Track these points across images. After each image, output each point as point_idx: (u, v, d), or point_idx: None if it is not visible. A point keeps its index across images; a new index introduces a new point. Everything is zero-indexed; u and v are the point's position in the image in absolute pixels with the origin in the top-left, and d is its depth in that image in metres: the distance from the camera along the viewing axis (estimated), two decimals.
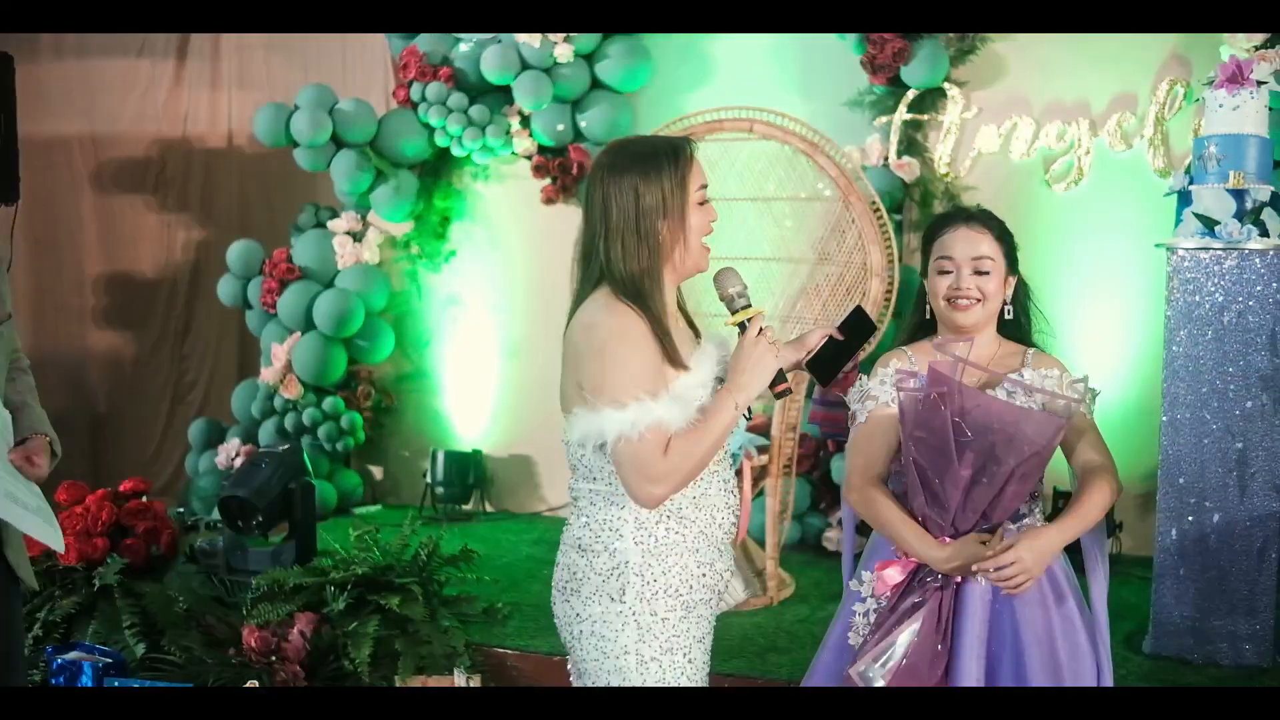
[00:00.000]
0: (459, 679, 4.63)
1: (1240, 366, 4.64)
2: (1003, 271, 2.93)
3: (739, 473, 2.87)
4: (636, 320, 2.59)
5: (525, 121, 7.28)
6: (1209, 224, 4.68)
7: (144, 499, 5.49)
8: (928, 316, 3.03)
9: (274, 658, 4.68)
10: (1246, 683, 4.34)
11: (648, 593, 2.65)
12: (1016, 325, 3.00)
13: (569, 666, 2.88)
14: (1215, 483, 4.68)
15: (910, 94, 6.54)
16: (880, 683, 2.67)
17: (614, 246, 2.62)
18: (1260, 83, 4.72)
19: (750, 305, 2.73)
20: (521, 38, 6.92)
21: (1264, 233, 4.65)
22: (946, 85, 6.52)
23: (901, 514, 2.81)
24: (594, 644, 2.69)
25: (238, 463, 6.87)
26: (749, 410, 2.75)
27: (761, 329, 2.68)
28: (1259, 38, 5.73)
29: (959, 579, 2.74)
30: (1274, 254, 4.60)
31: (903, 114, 6.55)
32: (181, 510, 6.45)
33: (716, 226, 2.75)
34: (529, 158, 7.34)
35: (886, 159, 6.57)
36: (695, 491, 2.69)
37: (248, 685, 4.57)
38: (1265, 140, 4.76)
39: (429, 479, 7.41)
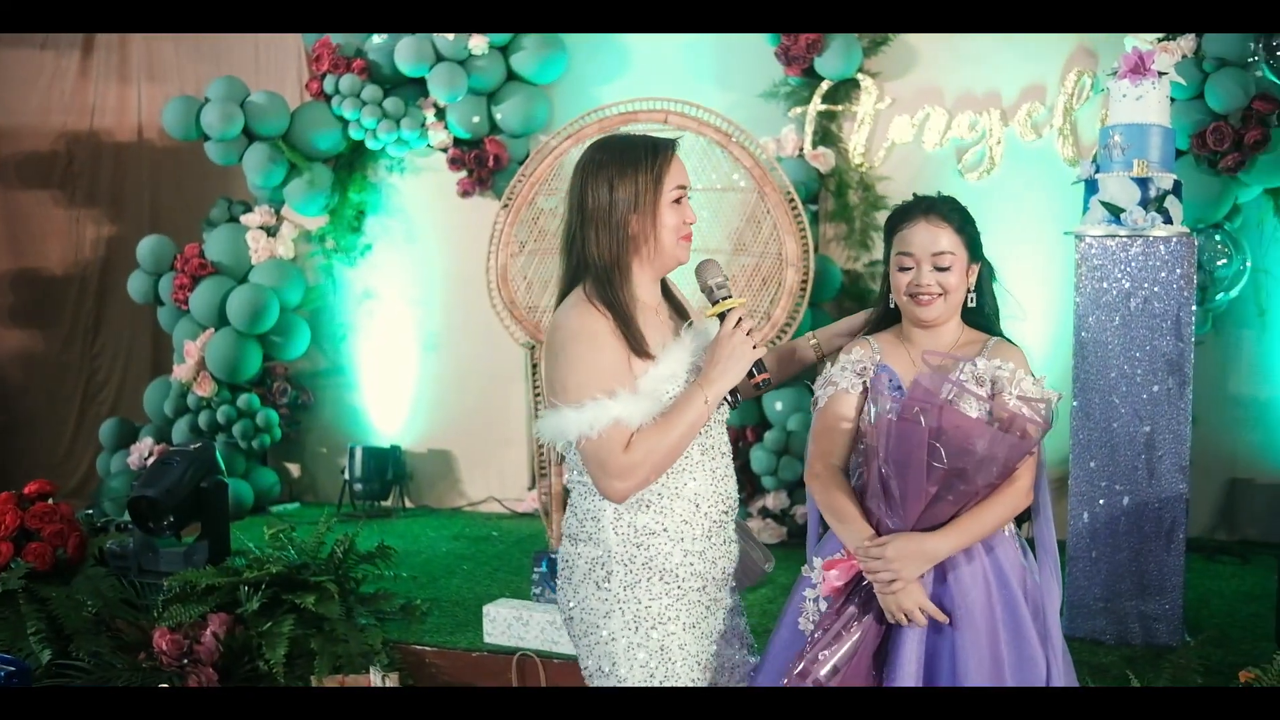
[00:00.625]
0: (375, 678, 4.57)
1: (1146, 351, 4.71)
2: (964, 263, 2.85)
3: None
4: (598, 318, 2.64)
5: (440, 114, 7.21)
6: (1115, 212, 4.74)
7: (51, 501, 5.35)
8: (891, 307, 2.98)
9: (186, 660, 4.60)
10: (1157, 662, 4.40)
11: (630, 580, 2.71)
12: (980, 312, 2.96)
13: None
14: (1125, 466, 4.74)
15: (824, 85, 6.58)
16: (819, 684, 2.65)
17: (587, 236, 2.69)
18: (1161, 73, 4.78)
19: (730, 297, 2.74)
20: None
21: (1168, 220, 4.72)
22: (860, 76, 6.57)
23: (849, 508, 2.78)
24: (584, 629, 2.77)
25: (150, 463, 6.74)
26: (732, 398, 2.75)
27: (740, 320, 2.70)
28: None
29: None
30: (1177, 241, 4.68)
31: (817, 105, 6.59)
32: (90, 512, 6.31)
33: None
34: (444, 150, 7.27)
35: (802, 150, 6.60)
36: (677, 482, 2.73)
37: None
38: (1168, 129, 4.83)
39: (347, 476, 7.34)
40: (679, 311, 2.88)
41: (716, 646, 2.85)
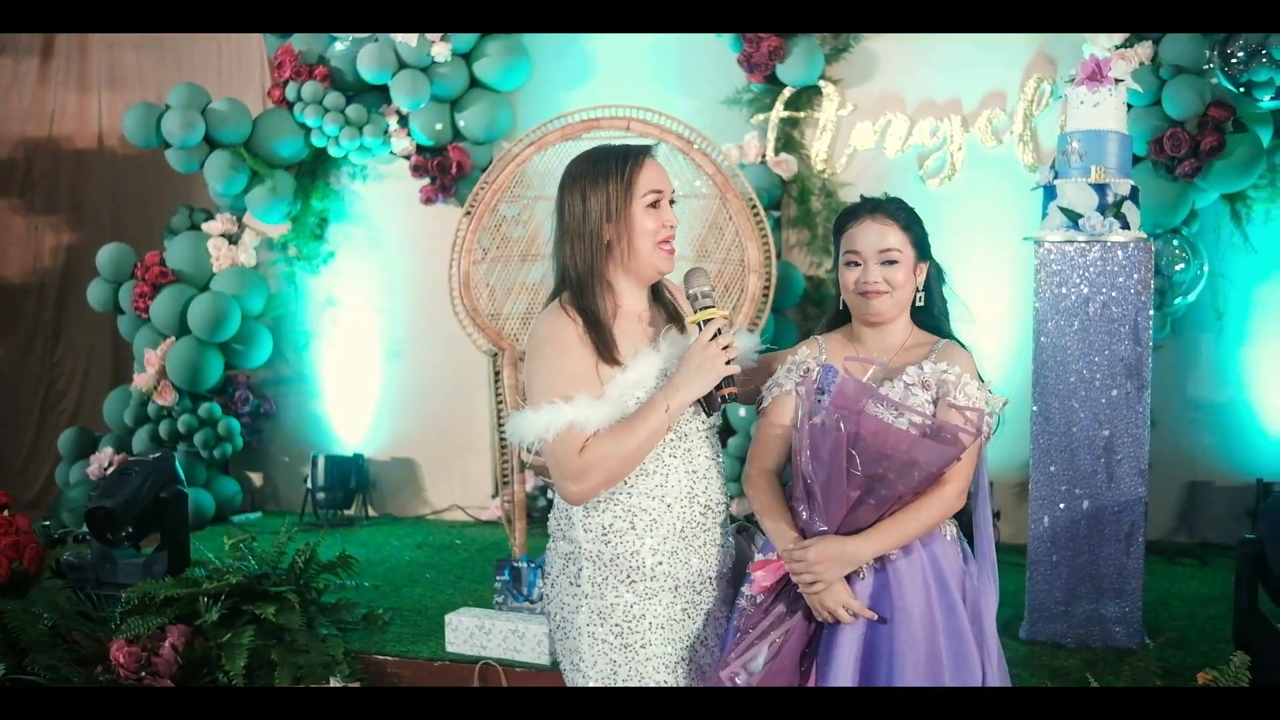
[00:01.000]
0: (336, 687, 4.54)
1: (1105, 356, 4.74)
2: (911, 260, 2.86)
3: None
4: (568, 324, 2.66)
5: (403, 121, 7.20)
6: (1073, 217, 4.77)
7: (7, 513, 5.29)
8: (841, 308, 2.99)
9: (144, 673, 4.55)
10: (1116, 665, 4.42)
11: (599, 577, 2.73)
12: (929, 313, 2.96)
13: None
14: (1085, 470, 4.77)
15: (787, 92, 6.60)
16: (747, 683, 2.66)
17: (565, 247, 2.73)
18: (1118, 80, 4.82)
19: (712, 307, 2.73)
20: (399, 36, 6.84)
21: (1125, 225, 4.75)
22: (822, 83, 6.60)
23: (776, 511, 2.78)
24: (558, 624, 2.82)
25: (109, 473, 6.69)
26: (708, 407, 2.75)
27: (718, 332, 2.68)
28: (1119, 37, 5.90)
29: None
30: (1135, 246, 4.71)
31: (780, 111, 6.61)
32: (48, 523, 6.25)
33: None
34: (407, 157, 7.25)
35: (764, 156, 6.62)
36: (648, 483, 2.73)
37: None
38: (1125, 136, 4.87)
39: (309, 484, 7.30)
40: (675, 319, 2.87)
41: (692, 650, 2.83)
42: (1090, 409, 4.76)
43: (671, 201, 2.79)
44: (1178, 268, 6.07)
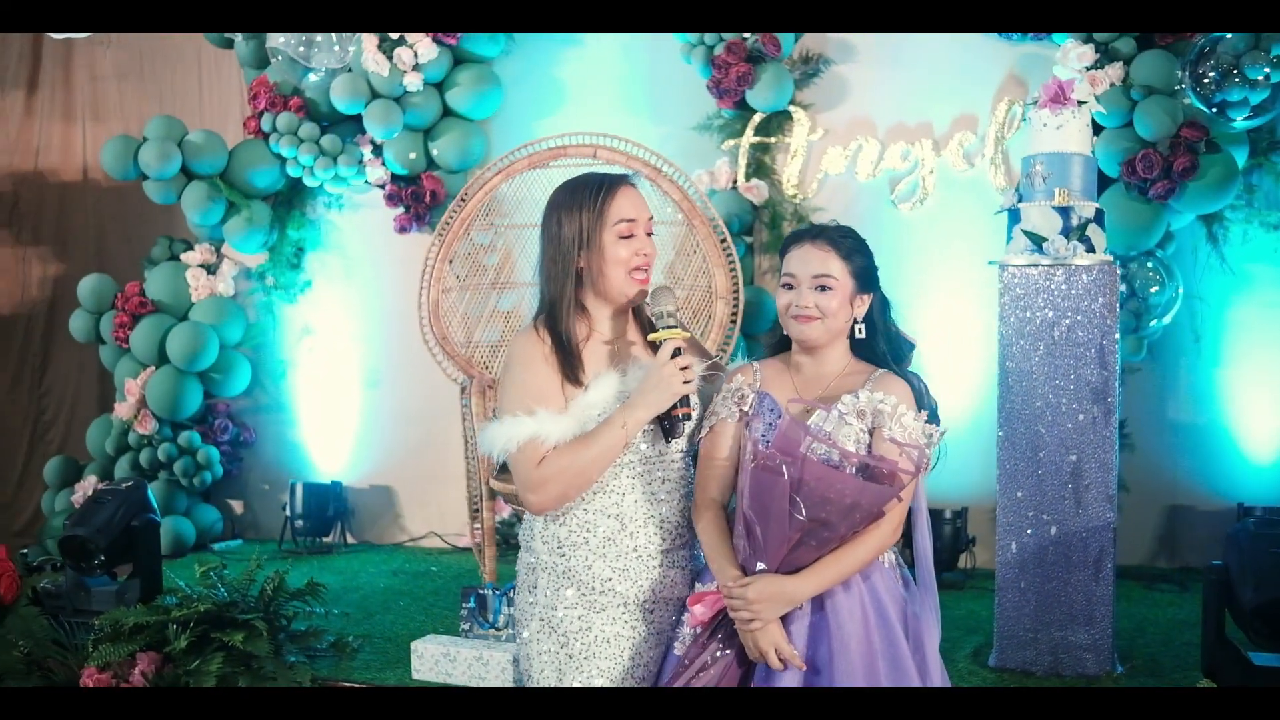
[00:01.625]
0: None
1: (1071, 380, 4.72)
2: (849, 290, 2.84)
3: None
4: (536, 343, 2.78)
5: (377, 150, 7.22)
6: (1037, 241, 4.76)
7: None
8: (784, 333, 2.98)
9: None
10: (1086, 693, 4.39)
11: (551, 588, 2.82)
12: (870, 346, 2.94)
13: None
14: (1052, 495, 4.74)
15: (757, 117, 6.61)
16: None
17: (543, 273, 2.84)
18: (1081, 102, 4.81)
19: (675, 327, 2.78)
20: (370, 66, 6.85)
21: (1090, 248, 4.74)
22: (792, 108, 6.61)
23: (719, 547, 2.77)
24: (519, 633, 2.91)
25: (82, 501, 6.70)
26: (668, 428, 2.79)
27: (678, 352, 2.74)
28: (1089, 58, 5.89)
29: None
30: (1099, 269, 4.69)
31: (750, 137, 6.62)
32: (26, 551, 6.26)
33: None
34: (382, 186, 7.28)
35: (735, 182, 6.62)
36: (604, 500, 2.80)
37: None
38: (1089, 158, 4.86)
39: (288, 512, 7.30)
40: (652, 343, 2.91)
41: (642, 669, 2.84)
42: (1056, 434, 4.74)
43: (650, 232, 2.84)
44: (1152, 290, 6.05)
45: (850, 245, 2.90)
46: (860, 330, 2.90)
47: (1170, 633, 5.34)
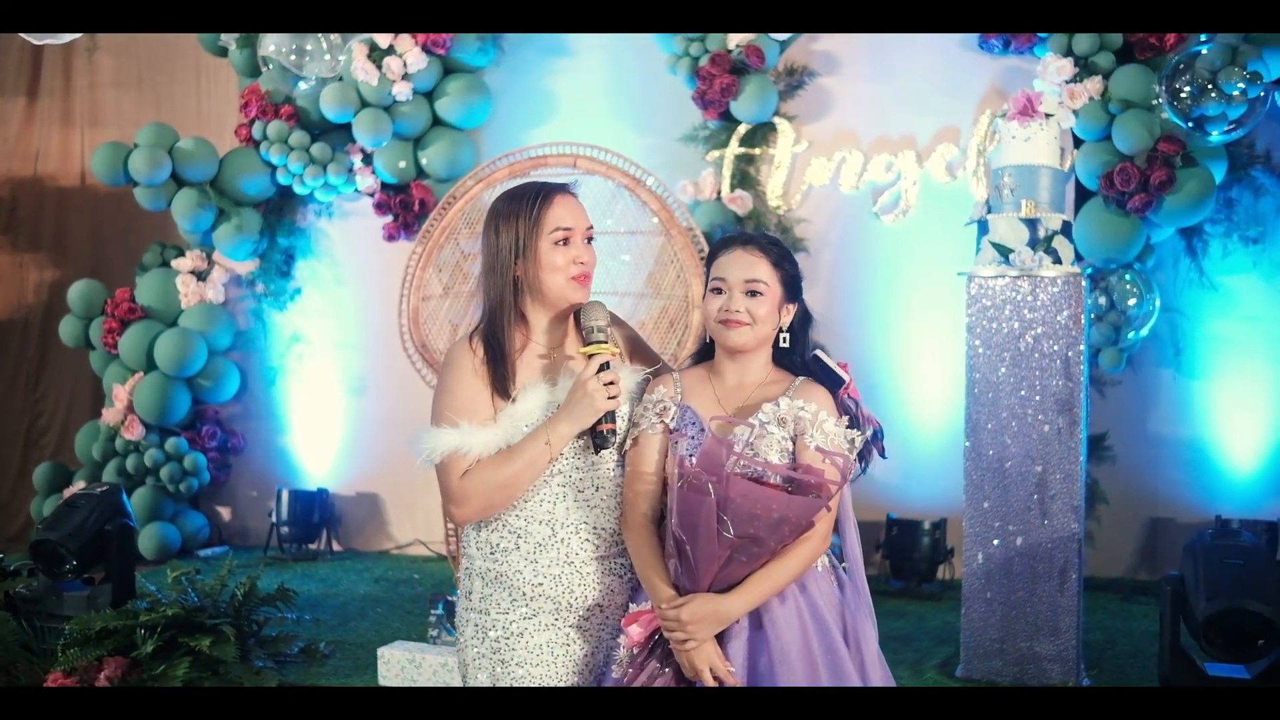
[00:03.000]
0: None
1: (1037, 391, 4.73)
2: (777, 297, 2.82)
3: None
4: (467, 354, 2.75)
5: (367, 159, 7.27)
6: (1004, 252, 4.77)
7: None
8: (708, 340, 2.98)
9: None
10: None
11: (486, 593, 2.80)
12: (791, 355, 2.89)
13: None
14: (1018, 506, 4.75)
15: (742, 128, 6.63)
16: None
17: (482, 281, 2.82)
18: (1049, 115, 4.83)
19: (604, 342, 2.76)
20: (360, 75, 6.90)
21: (1057, 260, 4.74)
22: (776, 119, 6.63)
23: (651, 566, 2.79)
24: (457, 639, 2.89)
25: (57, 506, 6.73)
26: (594, 442, 2.77)
27: (604, 366, 2.72)
28: (1069, 71, 5.90)
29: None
30: (1065, 281, 4.70)
31: (734, 148, 6.63)
32: (2, 556, 6.29)
33: None
34: (371, 195, 7.33)
35: (720, 193, 6.63)
36: (535, 508, 2.76)
37: None
38: (1057, 170, 4.87)
39: (274, 519, 7.33)
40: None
41: (578, 678, 2.83)
42: (1023, 444, 4.75)
43: (589, 239, 2.83)
44: (1130, 302, 6.05)
45: (779, 253, 2.89)
46: (785, 340, 2.91)
47: (1141, 644, 5.34)
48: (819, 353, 2.90)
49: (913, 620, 5.80)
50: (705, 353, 2.97)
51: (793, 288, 2.88)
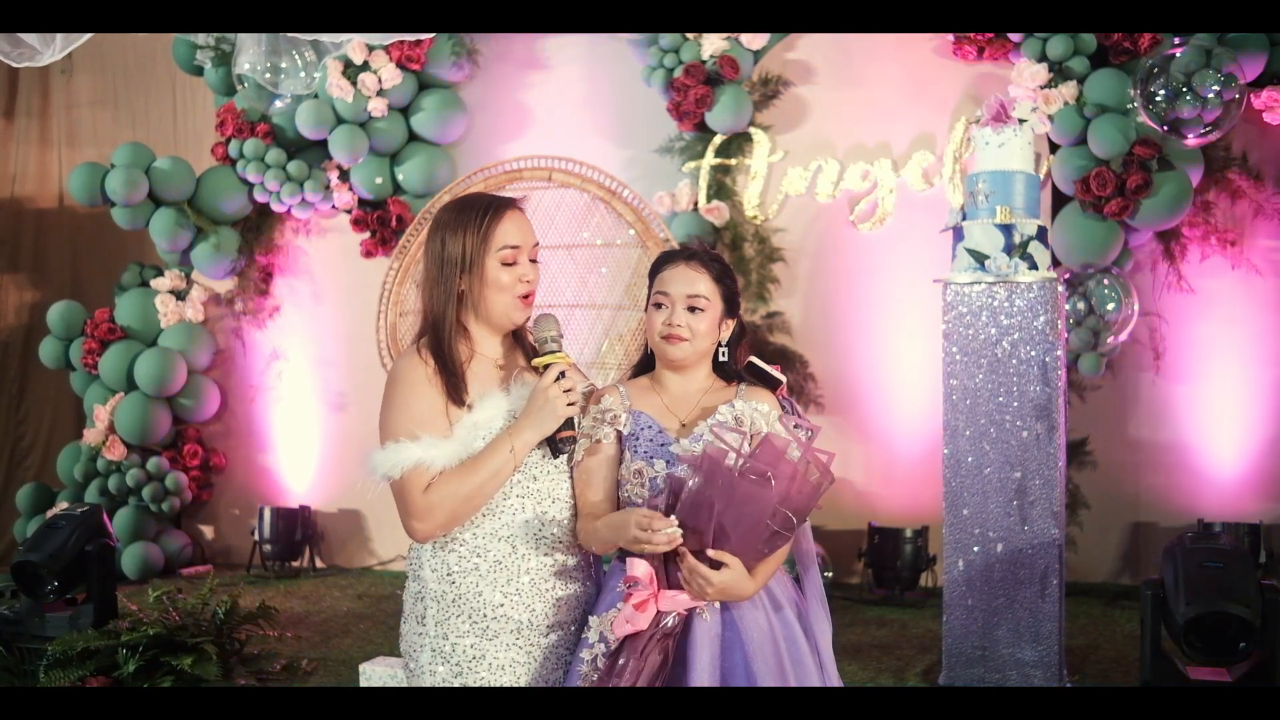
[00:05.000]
0: None
1: (1015, 397, 4.73)
2: (718, 312, 2.87)
3: None
4: (419, 365, 2.71)
5: (344, 175, 7.27)
6: (979, 259, 4.77)
7: None
8: (648, 352, 3.01)
9: None
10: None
11: (442, 617, 2.73)
12: (728, 368, 2.94)
13: None
14: (997, 513, 4.74)
15: (717, 139, 6.63)
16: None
17: (425, 292, 2.76)
18: (1022, 120, 4.83)
19: (557, 352, 2.76)
20: (335, 92, 6.90)
21: (1033, 265, 4.74)
22: (752, 129, 6.63)
23: (618, 514, 2.78)
24: (408, 663, 2.80)
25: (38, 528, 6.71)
26: (554, 449, 2.76)
27: (562, 375, 2.72)
28: (1043, 77, 5.92)
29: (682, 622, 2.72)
30: (1041, 286, 4.70)
31: (710, 159, 6.64)
32: None
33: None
34: (349, 211, 7.32)
35: (697, 204, 6.64)
36: (493, 524, 2.73)
37: None
38: (1032, 176, 4.88)
39: (256, 536, 7.31)
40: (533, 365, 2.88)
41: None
42: (1001, 451, 4.74)
43: (534, 259, 2.80)
44: (1109, 306, 6.05)
45: (720, 269, 2.95)
46: (724, 354, 2.94)
47: (1124, 649, 5.34)
48: (752, 358, 2.96)
49: (895, 628, 5.79)
50: (647, 364, 3.01)
51: (733, 303, 2.95)
